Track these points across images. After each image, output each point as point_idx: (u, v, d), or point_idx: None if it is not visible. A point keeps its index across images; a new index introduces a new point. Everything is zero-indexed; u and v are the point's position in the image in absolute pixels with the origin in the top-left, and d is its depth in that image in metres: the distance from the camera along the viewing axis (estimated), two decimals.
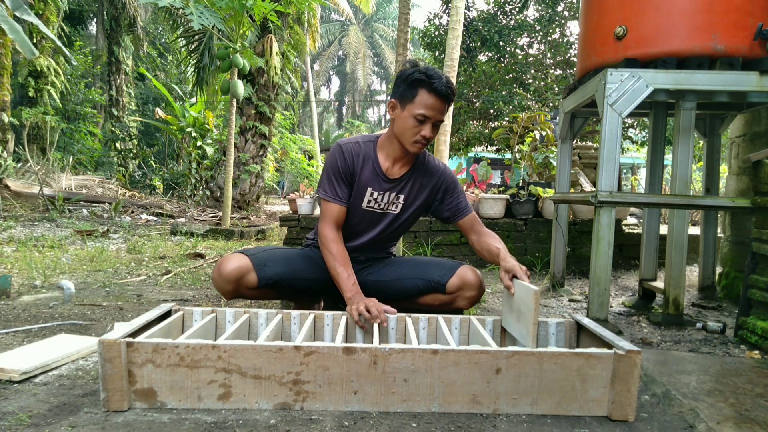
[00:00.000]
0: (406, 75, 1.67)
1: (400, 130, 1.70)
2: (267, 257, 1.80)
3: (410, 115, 1.65)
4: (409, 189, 1.82)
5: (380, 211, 1.83)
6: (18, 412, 1.16)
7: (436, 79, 1.62)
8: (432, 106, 1.63)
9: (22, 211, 6.56)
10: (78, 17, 14.66)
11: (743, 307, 2.06)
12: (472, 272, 1.81)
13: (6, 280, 2.36)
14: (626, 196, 2.35)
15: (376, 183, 1.79)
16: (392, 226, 1.86)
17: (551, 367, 1.22)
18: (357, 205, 1.81)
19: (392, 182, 1.80)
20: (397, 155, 1.78)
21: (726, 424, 1.20)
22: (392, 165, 1.80)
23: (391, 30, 29.26)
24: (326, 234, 1.75)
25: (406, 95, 1.66)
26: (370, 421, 1.17)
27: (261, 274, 1.75)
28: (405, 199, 1.82)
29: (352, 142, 1.81)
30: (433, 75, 1.63)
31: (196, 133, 9.66)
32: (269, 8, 4.75)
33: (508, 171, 4.79)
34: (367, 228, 1.85)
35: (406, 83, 1.66)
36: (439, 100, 1.64)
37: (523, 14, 8.58)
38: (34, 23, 5.24)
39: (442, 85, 1.63)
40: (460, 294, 1.80)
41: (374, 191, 1.79)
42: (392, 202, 1.82)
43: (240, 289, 1.76)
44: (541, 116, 4.49)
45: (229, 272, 1.71)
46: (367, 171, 1.78)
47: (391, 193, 1.81)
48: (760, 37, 2.03)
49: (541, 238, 4.05)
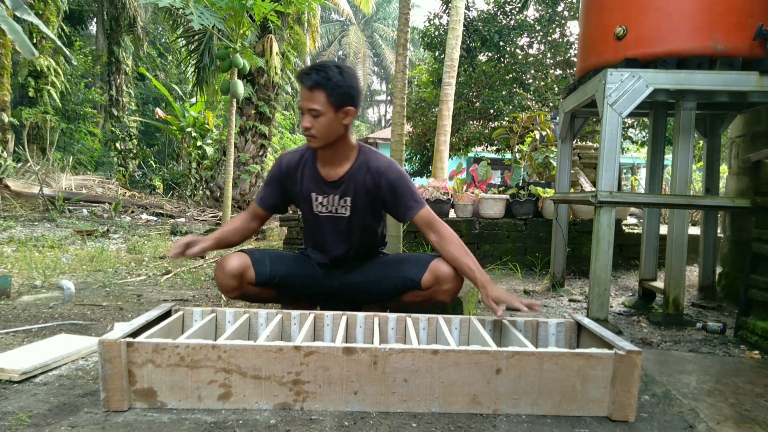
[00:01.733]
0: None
1: None
2: (263, 255, 1.85)
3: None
4: (352, 191, 1.78)
5: (330, 214, 1.82)
6: (18, 412, 1.15)
7: (303, 70, 1.66)
8: (302, 95, 1.66)
9: (22, 211, 6.56)
10: (78, 17, 14.66)
11: (743, 307, 2.06)
12: (445, 264, 1.76)
13: (6, 280, 2.36)
14: (626, 196, 2.35)
15: (317, 188, 1.79)
16: (350, 227, 1.84)
17: (551, 367, 1.22)
18: (307, 211, 1.85)
19: (332, 185, 1.78)
20: (327, 157, 1.76)
21: (726, 424, 1.20)
22: (329, 168, 1.77)
23: (391, 30, 29.25)
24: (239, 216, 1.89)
25: None
26: (370, 421, 1.17)
27: (257, 270, 1.78)
28: (352, 201, 1.79)
29: (292, 153, 1.85)
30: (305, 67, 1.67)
31: (196, 133, 9.67)
32: (269, 8, 4.74)
33: (508, 171, 4.79)
34: (329, 233, 1.86)
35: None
36: (304, 89, 1.63)
37: (523, 14, 8.58)
38: (34, 23, 5.24)
39: (302, 73, 1.64)
40: (437, 288, 1.76)
41: (318, 195, 1.80)
42: (340, 206, 1.80)
43: (243, 285, 1.78)
44: (541, 116, 4.49)
45: (231, 268, 1.74)
46: (308, 178, 1.80)
47: (334, 196, 1.79)
48: (760, 37, 2.03)
49: (541, 238, 4.05)
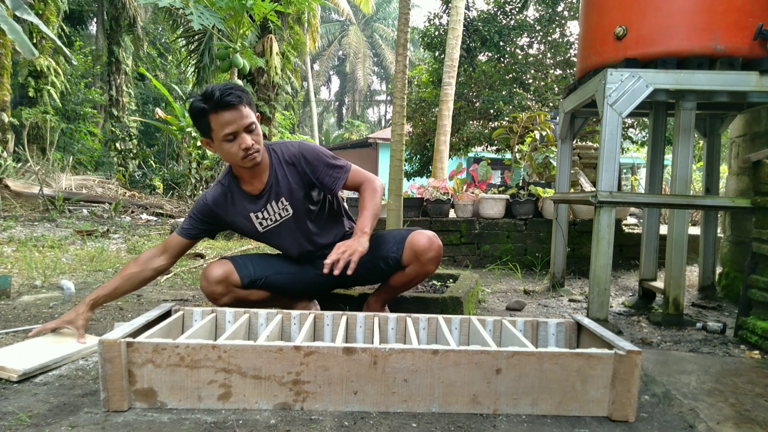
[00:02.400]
0: (191, 113, 1.61)
1: (227, 157, 1.66)
2: (245, 259, 1.85)
3: (221, 142, 1.60)
4: (281, 188, 1.77)
5: (276, 224, 1.80)
6: (18, 412, 1.16)
7: (211, 96, 1.54)
8: (230, 120, 1.56)
9: (22, 211, 6.56)
10: (78, 17, 14.66)
11: (743, 307, 2.06)
12: (421, 236, 1.76)
13: (6, 280, 2.36)
14: (626, 196, 2.35)
15: (251, 206, 1.77)
16: (301, 225, 1.82)
17: (551, 367, 1.22)
18: (254, 232, 1.82)
19: (263, 195, 1.76)
20: (248, 175, 1.73)
21: (726, 424, 1.20)
22: (255, 182, 1.75)
23: (391, 30, 29.25)
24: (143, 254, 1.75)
25: (204, 129, 1.61)
26: (370, 422, 1.17)
27: (242, 273, 1.78)
28: (288, 198, 1.78)
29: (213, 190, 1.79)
30: (209, 94, 1.55)
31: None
32: (269, 8, 4.74)
33: (508, 171, 4.79)
34: (285, 240, 1.84)
35: (195, 118, 1.60)
36: (230, 110, 1.56)
37: (523, 14, 8.58)
38: (34, 23, 5.24)
39: (217, 97, 1.54)
40: (419, 261, 1.76)
41: (256, 213, 1.78)
42: (281, 209, 1.79)
43: (230, 290, 1.78)
44: (541, 116, 4.49)
45: (215, 275, 1.75)
46: (236, 202, 1.77)
47: (270, 204, 1.77)
48: (760, 37, 2.03)
49: (541, 238, 4.05)
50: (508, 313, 2.50)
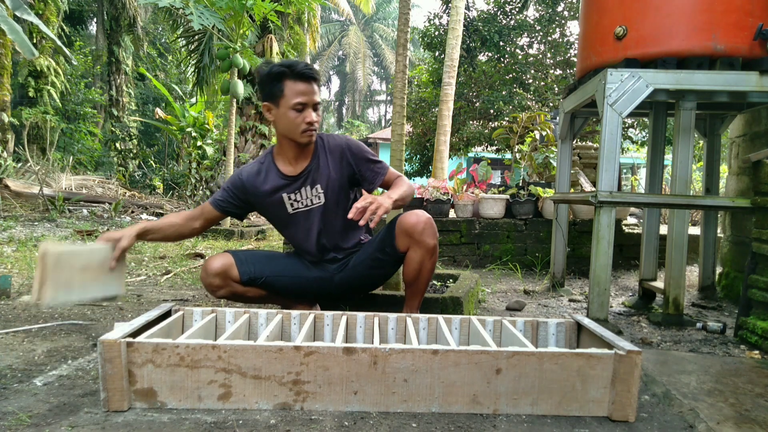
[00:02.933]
0: (267, 74, 1.68)
1: (285, 127, 1.71)
2: (249, 255, 1.85)
3: (288, 108, 1.67)
4: (321, 174, 1.79)
5: (306, 209, 1.81)
6: (18, 412, 1.15)
7: (295, 65, 1.66)
8: (303, 91, 1.66)
9: (22, 211, 6.56)
10: (78, 17, 14.66)
11: (743, 307, 2.06)
12: (407, 215, 1.75)
13: (6, 280, 2.36)
14: (626, 196, 2.35)
15: (285, 186, 1.79)
16: (328, 218, 1.83)
17: (552, 367, 1.22)
18: (284, 215, 1.83)
19: (300, 177, 1.78)
20: (293, 153, 1.78)
21: (726, 424, 1.20)
22: (295, 164, 1.79)
23: (391, 30, 29.26)
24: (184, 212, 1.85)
25: (275, 93, 1.68)
26: (370, 422, 1.17)
27: (242, 269, 1.79)
28: (324, 186, 1.79)
29: (250, 166, 1.84)
30: (290, 63, 1.67)
31: (196, 133, 9.66)
32: (269, 8, 4.75)
33: (508, 171, 4.79)
34: (308, 231, 1.84)
35: (270, 82, 1.67)
36: (307, 83, 1.66)
37: (523, 14, 8.58)
38: (34, 23, 5.25)
39: (302, 68, 1.66)
40: (412, 239, 1.73)
41: (289, 194, 1.79)
42: (314, 195, 1.80)
43: (228, 284, 1.79)
44: (541, 116, 4.50)
45: (214, 267, 1.76)
46: (273, 181, 1.79)
47: (305, 187, 1.79)
48: (760, 37, 2.03)
49: (541, 238, 4.05)
50: (508, 313, 2.50)
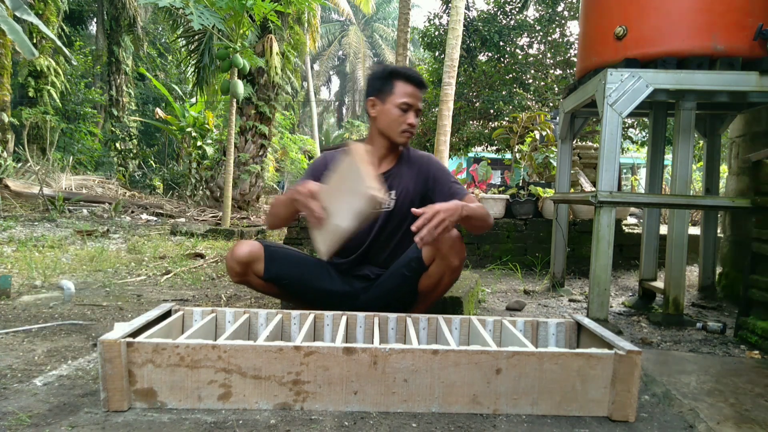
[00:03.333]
0: (379, 72, 1.78)
1: (386, 123, 1.76)
2: (280, 253, 1.78)
3: (393, 106, 1.73)
4: (399, 182, 1.80)
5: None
6: (18, 412, 1.15)
7: (408, 69, 1.78)
8: (412, 93, 1.74)
9: (22, 211, 6.56)
10: (78, 17, 14.65)
11: (743, 307, 2.06)
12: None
13: (6, 280, 2.36)
14: (626, 196, 2.35)
15: None
16: (390, 223, 1.81)
17: (551, 367, 1.22)
18: None
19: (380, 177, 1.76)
20: (383, 153, 1.82)
21: (726, 424, 1.20)
22: (378, 164, 1.82)
23: (391, 30, 29.23)
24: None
25: (384, 89, 1.75)
26: (370, 422, 1.17)
27: (268, 266, 1.75)
28: (397, 194, 1.79)
29: (334, 150, 1.88)
30: (404, 68, 1.79)
31: (196, 133, 9.67)
32: (269, 8, 4.75)
33: (508, 171, 4.79)
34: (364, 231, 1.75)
35: (381, 79, 1.76)
36: (416, 88, 1.75)
37: (523, 14, 8.58)
38: (34, 23, 5.24)
39: (414, 74, 1.77)
40: (440, 254, 1.64)
41: None
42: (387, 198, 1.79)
43: (248, 274, 1.75)
44: (541, 116, 4.50)
45: (241, 255, 1.72)
46: None
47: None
48: (760, 37, 2.03)
49: (541, 238, 4.05)
50: (508, 313, 2.50)
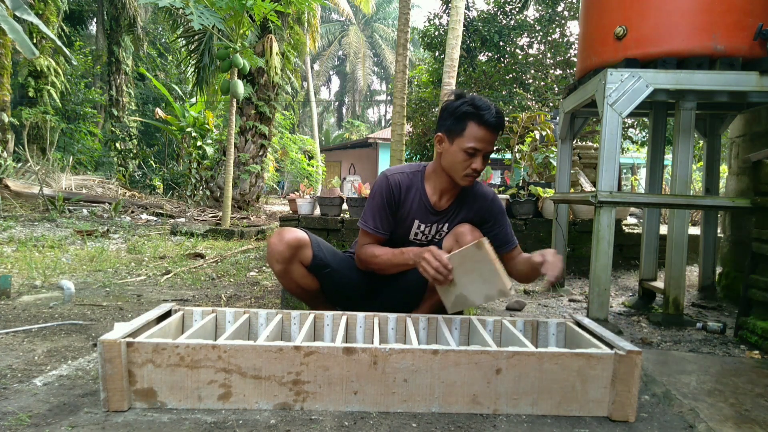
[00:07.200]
0: (453, 107, 1.61)
1: (450, 164, 1.65)
2: (322, 242, 1.79)
3: (460, 149, 1.60)
4: (459, 217, 1.75)
5: (426, 242, 1.77)
6: (18, 412, 1.15)
7: (486, 111, 1.58)
8: (482, 138, 1.59)
9: (22, 211, 6.56)
10: (78, 17, 14.64)
11: (743, 307, 2.06)
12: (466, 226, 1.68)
13: (6, 280, 2.36)
14: (626, 196, 2.35)
15: (423, 215, 1.73)
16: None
17: (551, 367, 1.22)
18: (403, 236, 1.77)
19: (439, 214, 1.74)
20: (445, 187, 1.73)
21: (726, 424, 1.20)
22: (439, 198, 1.74)
23: (391, 30, 29.23)
24: (367, 250, 1.71)
25: (454, 129, 1.61)
26: (370, 422, 1.17)
27: (316, 252, 1.72)
28: (449, 228, 1.75)
29: (399, 173, 1.75)
30: (482, 106, 1.58)
31: (196, 133, 9.66)
32: (269, 8, 4.75)
33: (508, 171, 4.79)
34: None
35: (454, 116, 1.61)
36: (489, 132, 1.59)
37: (523, 14, 8.58)
38: (34, 23, 5.24)
39: (492, 117, 1.58)
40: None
41: (421, 223, 1.74)
42: (438, 232, 1.76)
43: (294, 261, 1.70)
44: (541, 116, 4.50)
45: (290, 239, 1.67)
46: (414, 203, 1.72)
47: (438, 224, 1.75)
48: (760, 37, 2.03)
49: (541, 238, 4.05)
50: (508, 313, 2.50)
